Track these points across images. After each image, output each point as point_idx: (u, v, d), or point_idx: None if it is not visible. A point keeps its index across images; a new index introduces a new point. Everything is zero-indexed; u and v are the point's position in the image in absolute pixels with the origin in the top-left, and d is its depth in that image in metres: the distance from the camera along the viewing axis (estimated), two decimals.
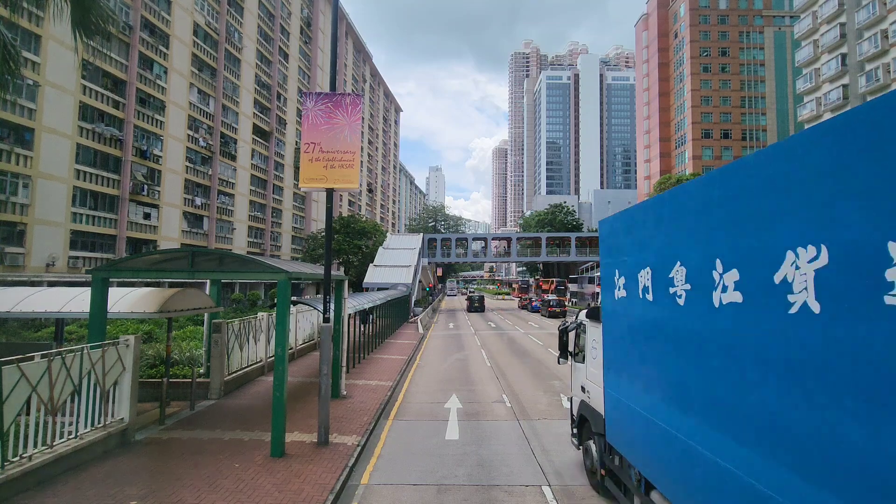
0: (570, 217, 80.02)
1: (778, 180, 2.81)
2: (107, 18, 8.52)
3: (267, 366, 14.69)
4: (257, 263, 9.23)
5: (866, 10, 42.61)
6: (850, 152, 2.33)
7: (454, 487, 6.98)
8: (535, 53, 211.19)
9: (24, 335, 16.00)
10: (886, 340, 2.10)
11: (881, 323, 2.12)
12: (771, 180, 2.88)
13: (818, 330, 2.48)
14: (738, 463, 3.11)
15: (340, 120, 9.21)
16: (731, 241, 3.25)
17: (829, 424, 2.42)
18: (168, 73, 35.01)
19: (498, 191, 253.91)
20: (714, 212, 3.46)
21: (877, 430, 2.16)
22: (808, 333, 2.54)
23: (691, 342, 3.77)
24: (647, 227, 4.72)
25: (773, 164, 2.88)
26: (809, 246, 2.54)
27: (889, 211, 2.10)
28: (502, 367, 16.96)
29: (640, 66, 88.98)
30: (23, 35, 24.69)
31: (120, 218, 30.85)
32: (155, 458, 7.72)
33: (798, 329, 2.61)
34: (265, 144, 49.77)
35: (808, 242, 2.55)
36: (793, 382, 2.66)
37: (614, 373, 5.56)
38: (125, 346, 8.33)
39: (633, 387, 4.99)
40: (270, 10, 51.02)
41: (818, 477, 2.49)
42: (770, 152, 2.96)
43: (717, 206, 3.42)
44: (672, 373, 4.10)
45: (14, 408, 6.15)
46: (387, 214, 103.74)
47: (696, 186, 3.82)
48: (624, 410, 5.21)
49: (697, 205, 3.73)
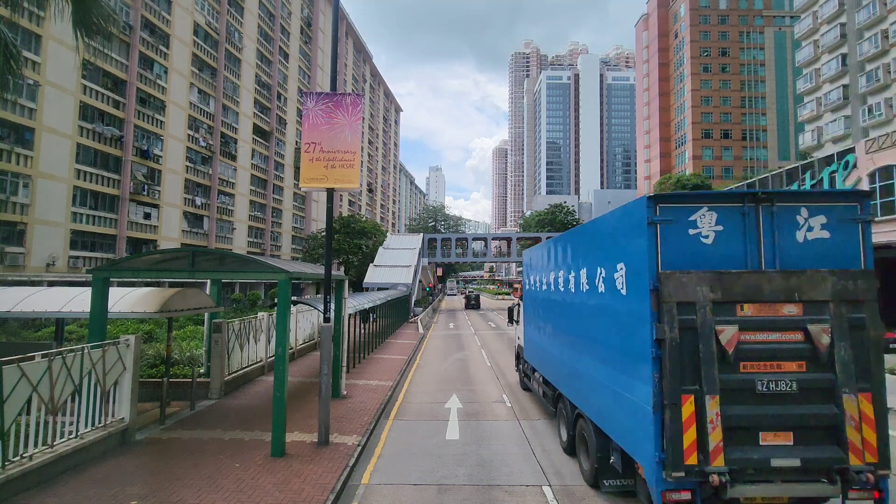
0: (570, 217, 79.93)
1: (586, 238, 6.97)
2: (108, 18, 8.53)
3: (267, 366, 14.69)
4: (257, 263, 9.23)
5: (866, 10, 42.59)
6: (608, 230, 5.99)
7: (454, 487, 6.98)
8: (536, 53, 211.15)
9: (24, 335, 16.00)
10: (620, 306, 5.54)
11: (598, 297, 6.26)
12: (583, 238, 7.12)
13: (593, 303, 6.43)
14: (577, 360, 7.38)
15: (341, 120, 9.20)
16: (567, 264, 7.79)
17: (593, 344, 6.65)
18: (168, 73, 35.02)
19: (498, 191, 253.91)
20: (555, 250, 8.43)
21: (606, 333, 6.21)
22: (596, 305, 6.35)
23: (553, 308, 8.79)
24: (537, 257, 10.43)
25: (581, 233, 7.28)
26: (599, 267, 6.25)
27: (617, 252, 5.60)
28: (502, 367, 16.96)
29: (641, 66, 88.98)
30: (23, 35, 24.70)
31: (120, 218, 30.86)
32: (155, 458, 7.72)
33: (586, 303, 6.77)
34: (265, 144, 49.78)
35: (597, 265, 6.28)
36: (590, 326, 6.72)
37: (525, 325, 12.02)
38: (125, 346, 8.33)
39: (532, 331, 11.07)
40: (270, 9, 51.02)
41: (596, 372, 6.45)
42: (581, 228, 7.26)
43: (555, 250, 8.30)
44: (551, 324, 9.05)
45: (15, 407, 6.15)
46: (387, 214, 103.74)
47: (554, 240, 8.77)
48: (529, 342, 11.61)
49: (550, 248, 8.76)
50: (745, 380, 4.73)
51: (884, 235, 23.26)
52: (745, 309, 4.80)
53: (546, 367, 9.69)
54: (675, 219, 4.95)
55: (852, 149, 25.61)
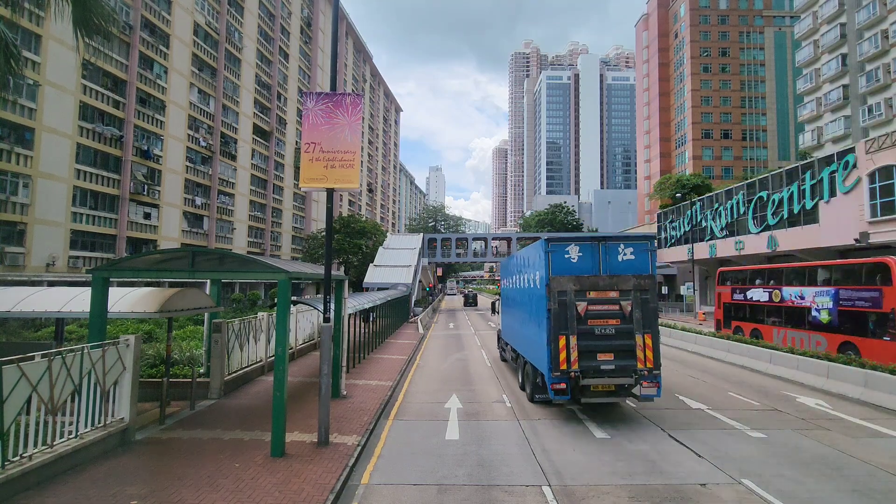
0: (570, 217, 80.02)
1: (521, 259, 13.01)
2: (108, 18, 8.53)
3: (267, 366, 14.69)
4: (257, 263, 9.23)
5: (866, 10, 42.58)
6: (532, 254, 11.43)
7: (454, 487, 6.98)
8: (536, 53, 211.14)
9: (24, 335, 15.99)
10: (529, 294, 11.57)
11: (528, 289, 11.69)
12: (523, 258, 12.78)
13: (526, 292, 11.97)
14: (522, 328, 12.72)
15: (341, 120, 9.20)
16: (518, 271, 13.41)
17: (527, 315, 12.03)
18: (168, 73, 35.02)
19: (498, 191, 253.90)
20: (531, 259, 11.34)
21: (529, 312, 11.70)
22: (528, 293, 11.76)
23: (515, 300, 14.01)
24: (507, 265, 16.17)
25: (518, 256, 13.82)
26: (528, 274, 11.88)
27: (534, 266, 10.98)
28: (502, 367, 16.95)
29: (641, 66, 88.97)
30: (23, 35, 24.70)
31: (120, 218, 30.86)
32: (155, 458, 7.72)
33: (524, 292, 12.29)
34: (265, 144, 49.78)
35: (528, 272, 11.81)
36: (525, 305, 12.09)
37: (502, 314, 17.13)
38: (125, 346, 8.33)
39: (505, 317, 16.40)
40: (271, 9, 51.02)
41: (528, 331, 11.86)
42: (521, 252, 13.32)
43: (527, 258, 12.03)
44: (512, 309, 14.58)
45: (14, 407, 6.14)
46: (387, 214, 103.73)
47: (509, 257, 16.13)
48: (503, 325, 16.78)
49: (525, 256, 12.35)
50: (590, 328, 9.58)
51: (883, 235, 23.24)
52: (590, 294, 9.68)
53: (511, 338, 15.10)
54: (558, 250, 9.93)
55: (852, 149, 25.61)
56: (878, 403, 11.60)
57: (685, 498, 6.59)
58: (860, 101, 43.82)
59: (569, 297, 9.49)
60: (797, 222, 28.91)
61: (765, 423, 10.12)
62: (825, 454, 8.33)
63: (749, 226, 33.39)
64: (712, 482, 7.11)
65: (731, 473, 7.42)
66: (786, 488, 6.90)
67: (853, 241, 24.57)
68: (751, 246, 33.14)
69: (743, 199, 34.28)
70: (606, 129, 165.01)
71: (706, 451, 8.38)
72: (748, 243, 33.44)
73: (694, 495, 6.66)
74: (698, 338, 20.77)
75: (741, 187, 35.19)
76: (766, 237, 31.40)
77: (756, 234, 32.54)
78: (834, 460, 8.04)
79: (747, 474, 7.38)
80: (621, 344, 9.50)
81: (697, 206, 40.63)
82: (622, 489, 6.87)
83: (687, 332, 22.26)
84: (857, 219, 24.56)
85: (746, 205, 33.79)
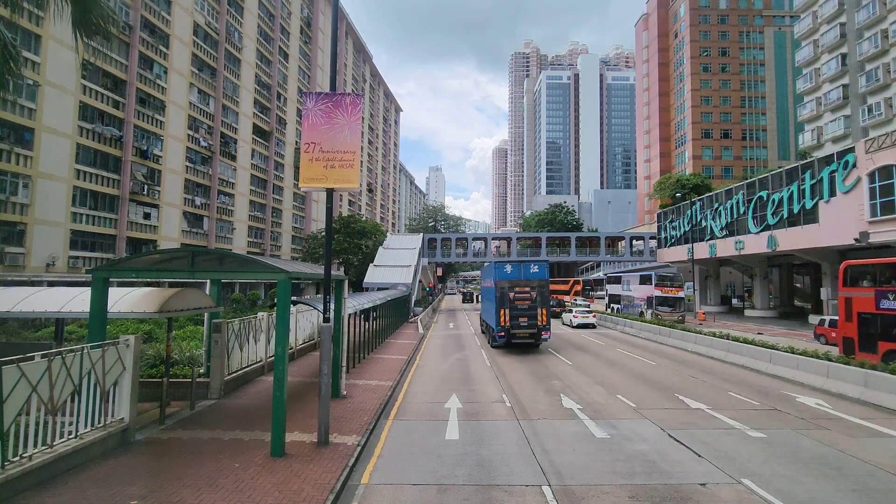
0: (570, 217, 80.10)
1: (486, 271, 25.86)
2: (107, 18, 8.51)
3: (267, 366, 14.70)
4: (257, 263, 9.23)
5: (866, 9, 42.58)
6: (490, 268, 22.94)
7: (454, 487, 6.98)
8: (536, 53, 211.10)
9: (24, 335, 16.00)
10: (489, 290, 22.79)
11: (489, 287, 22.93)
12: (487, 270, 25.21)
13: (489, 289, 23.09)
14: (485, 306, 25.52)
15: (340, 120, 9.20)
16: (485, 278, 25.96)
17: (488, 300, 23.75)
18: (168, 73, 35.01)
19: (498, 191, 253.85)
20: (490, 272, 22.58)
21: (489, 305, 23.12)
22: (489, 289, 23.00)
23: (490, 295, 22.46)
24: (486, 272, 25.85)
25: (485, 269, 26.92)
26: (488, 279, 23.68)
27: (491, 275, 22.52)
28: (502, 367, 16.97)
29: (640, 66, 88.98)
30: (23, 35, 24.69)
31: (120, 218, 30.86)
32: (155, 458, 7.72)
33: (488, 289, 23.59)
34: (265, 144, 49.77)
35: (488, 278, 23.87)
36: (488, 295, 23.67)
37: (483, 304, 28.04)
38: (125, 346, 8.33)
39: (483, 304, 28.53)
40: (270, 9, 51.01)
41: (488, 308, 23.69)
42: (488, 266, 25.12)
43: (489, 271, 23.33)
44: (483, 298, 27.90)
45: (14, 408, 6.14)
46: (387, 214, 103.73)
47: (489, 266, 23.61)
48: (483, 310, 26.90)
49: (489, 270, 23.96)
50: (515, 305, 20.13)
51: (883, 235, 23.26)
52: (516, 288, 20.26)
53: (483, 314, 26.24)
54: (501, 267, 20.80)
55: (852, 148, 25.62)
56: (878, 403, 11.62)
57: (685, 498, 6.60)
58: (860, 100, 43.82)
59: (506, 291, 20.16)
60: (797, 222, 28.93)
61: (765, 423, 10.13)
62: (825, 454, 8.33)
63: (749, 225, 33.41)
64: (712, 482, 7.12)
65: (730, 473, 7.43)
66: (785, 488, 6.90)
67: (853, 241, 24.59)
68: (751, 246, 33.17)
69: (743, 199, 34.30)
70: (606, 128, 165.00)
71: (706, 451, 8.39)
72: (748, 243, 33.46)
73: (694, 495, 6.67)
74: (698, 337, 20.86)
75: (741, 187, 35.20)
76: (765, 237, 31.43)
77: (756, 233, 32.56)
78: (834, 460, 8.05)
79: (747, 474, 7.39)
80: (531, 313, 20.06)
81: (697, 206, 40.67)
82: (622, 489, 6.88)
83: (687, 331, 22.34)
84: (857, 218, 24.57)
85: (746, 205, 33.82)
